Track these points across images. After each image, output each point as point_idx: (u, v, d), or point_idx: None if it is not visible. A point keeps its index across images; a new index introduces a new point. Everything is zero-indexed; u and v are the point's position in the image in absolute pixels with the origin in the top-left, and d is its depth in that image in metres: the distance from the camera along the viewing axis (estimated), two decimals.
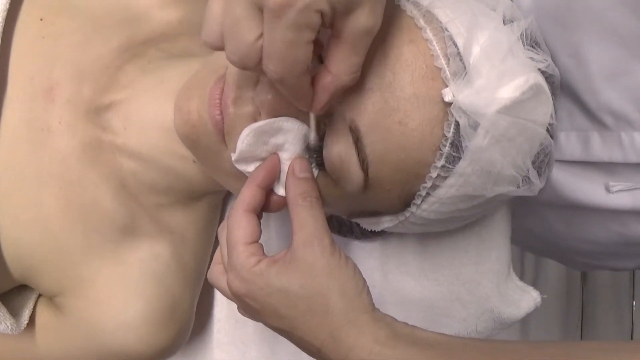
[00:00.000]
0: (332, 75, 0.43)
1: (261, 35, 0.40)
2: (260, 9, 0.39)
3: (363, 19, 0.41)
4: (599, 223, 0.76)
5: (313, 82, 0.44)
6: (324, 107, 0.46)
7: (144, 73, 0.61)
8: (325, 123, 0.50)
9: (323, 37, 0.44)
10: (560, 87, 0.61)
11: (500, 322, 0.72)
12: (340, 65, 0.43)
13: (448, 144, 0.48)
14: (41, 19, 0.59)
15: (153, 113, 0.59)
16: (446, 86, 0.47)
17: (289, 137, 0.51)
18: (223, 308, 0.74)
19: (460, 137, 0.47)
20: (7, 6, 0.57)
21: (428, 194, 0.51)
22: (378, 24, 0.43)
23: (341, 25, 0.41)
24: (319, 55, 0.46)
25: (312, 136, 0.50)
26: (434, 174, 0.49)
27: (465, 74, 0.47)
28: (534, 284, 0.88)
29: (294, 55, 0.40)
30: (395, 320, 0.49)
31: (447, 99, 0.46)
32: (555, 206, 0.79)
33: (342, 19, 0.41)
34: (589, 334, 1.76)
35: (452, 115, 0.47)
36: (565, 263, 1.12)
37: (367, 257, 0.74)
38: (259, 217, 0.52)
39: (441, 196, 0.51)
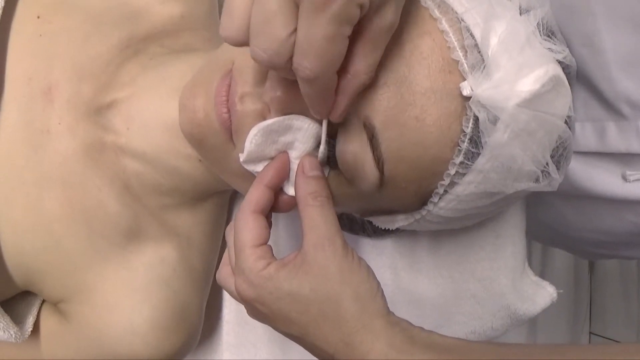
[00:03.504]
0: (351, 75, 0.42)
1: (294, 30, 0.38)
2: (295, 3, 0.37)
3: (389, 16, 0.40)
4: (613, 213, 0.75)
5: None
6: (344, 113, 0.45)
7: (145, 70, 0.59)
8: None
9: None
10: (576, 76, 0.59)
11: (517, 319, 0.71)
12: (360, 64, 0.42)
13: (467, 140, 0.46)
14: (38, 17, 0.57)
15: (156, 111, 0.57)
16: (464, 79, 0.45)
17: (299, 136, 0.49)
18: (232, 310, 0.73)
19: (479, 132, 0.46)
20: (3, 4, 0.55)
21: (446, 191, 0.49)
22: (398, 19, 0.42)
23: (367, 23, 0.40)
24: None
25: (324, 137, 0.48)
26: (452, 171, 0.47)
27: (484, 67, 0.45)
28: (542, 274, 0.87)
29: (333, 50, 0.39)
30: (411, 324, 0.48)
31: (466, 93, 0.45)
32: (568, 196, 0.78)
33: (369, 16, 0.39)
34: (597, 323, 1.76)
35: (471, 109, 0.45)
36: (575, 252, 1.12)
37: (379, 254, 0.72)
38: (268, 217, 0.51)
39: (459, 194, 0.49)
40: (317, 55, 0.38)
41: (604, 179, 0.70)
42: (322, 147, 0.48)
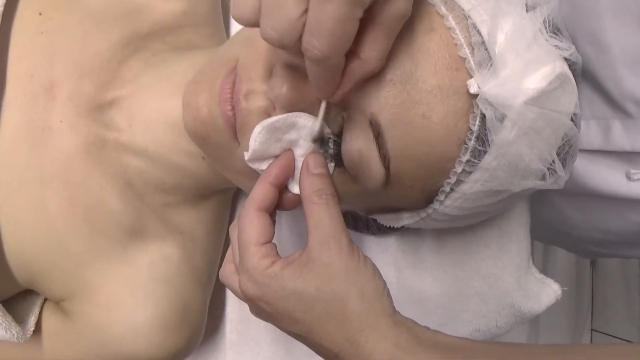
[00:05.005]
0: (361, 61, 0.42)
1: (305, 11, 0.38)
2: None
3: (402, 4, 0.40)
4: (617, 212, 0.75)
5: None
6: (345, 95, 0.44)
7: (147, 67, 0.59)
8: (343, 117, 0.47)
9: None
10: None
11: (521, 317, 0.71)
12: (372, 51, 0.42)
13: (474, 138, 0.46)
14: (40, 14, 0.57)
15: (158, 109, 0.57)
16: (471, 77, 0.45)
17: (303, 133, 0.48)
18: (235, 308, 0.73)
19: (486, 130, 0.45)
20: (4, 0, 0.55)
21: (452, 189, 0.49)
22: (411, 9, 0.42)
23: (379, 9, 0.40)
24: None
25: (317, 127, 0.47)
26: (458, 169, 0.47)
27: (491, 64, 0.45)
28: (544, 271, 0.86)
29: (343, 31, 0.38)
30: (417, 324, 0.47)
31: (473, 90, 0.44)
32: (570, 195, 0.78)
33: (382, 3, 0.39)
34: (599, 320, 1.76)
35: (478, 107, 0.45)
36: (576, 252, 1.11)
37: (383, 252, 0.72)
38: (272, 215, 0.50)
39: (465, 192, 0.49)
40: (327, 35, 0.38)
41: (608, 177, 0.69)
42: (317, 125, 0.47)
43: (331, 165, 0.49)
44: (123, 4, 0.60)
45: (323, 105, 0.46)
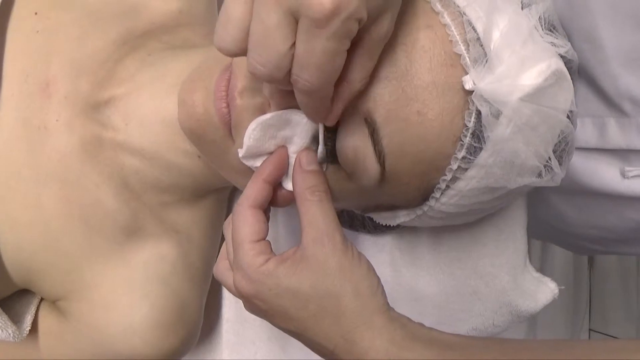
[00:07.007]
0: (347, 83, 0.42)
1: (293, 44, 0.38)
2: (294, 18, 0.37)
3: (385, 27, 0.40)
4: (612, 209, 0.75)
5: None
6: (338, 118, 0.45)
7: (144, 66, 0.59)
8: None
9: None
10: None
11: (518, 316, 0.71)
12: (357, 72, 0.42)
13: (469, 134, 0.46)
14: (35, 13, 0.57)
15: (155, 107, 0.57)
16: (466, 73, 0.45)
17: (298, 130, 0.48)
18: (232, 308, 0.73)
19: (481, 126, 0.45)
20: (0, 0, 0.54)
21: (448, 186, 0.49)
22: (393, 28, 0.42)
23: (364, 33, 0.40)
24: None
25: (321, 138, 0.48)
26: (454, 166, 0.47)
27: (486, 61, 0.45)
28: (541, 270, 0.86)
29: (332, 64, 0.39)
30: (411, 320, 0.48)
31: (468, 86, 0.44)
32: (566, 193, 0.78)
33: (367, 27, 0.39)
34: (596, 320, 1.76)
35: (473, 103, 0.45)
36: (572, 249, 1.11)
37: (379, 251, 0.72)
38: (267, 212, 0.50)
39: (461, 189, 0.49)
40: (316, 69, 0.38)
41: (603, 175, 0.69)
42: (320, 148, 0.48)
43: (325, 162, 0.49)
44: (120, 2, 0.60)
45: (321, 128, 0.47)
